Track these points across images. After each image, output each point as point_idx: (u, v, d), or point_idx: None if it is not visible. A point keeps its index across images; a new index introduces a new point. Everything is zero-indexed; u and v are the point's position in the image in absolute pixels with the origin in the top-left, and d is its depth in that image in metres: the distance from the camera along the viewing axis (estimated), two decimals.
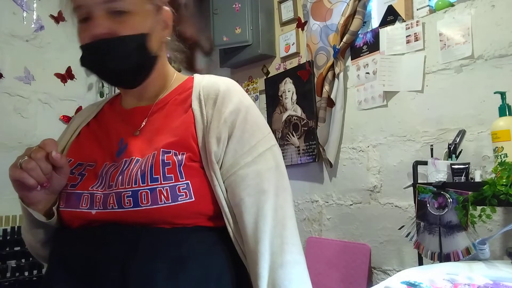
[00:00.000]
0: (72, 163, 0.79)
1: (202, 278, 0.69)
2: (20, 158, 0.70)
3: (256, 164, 0.74)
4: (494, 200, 1.12)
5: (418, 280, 0.70)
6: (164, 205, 0.69)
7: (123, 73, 0.78)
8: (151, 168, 0.71)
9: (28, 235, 0.81)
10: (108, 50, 0.74)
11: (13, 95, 2.23)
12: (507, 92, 1.34)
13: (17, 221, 2.13)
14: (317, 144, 2.17)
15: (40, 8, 2.37)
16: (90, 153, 0.81)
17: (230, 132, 0.75)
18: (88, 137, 0.86)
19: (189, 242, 0.71)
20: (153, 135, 0.78)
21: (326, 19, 2.15)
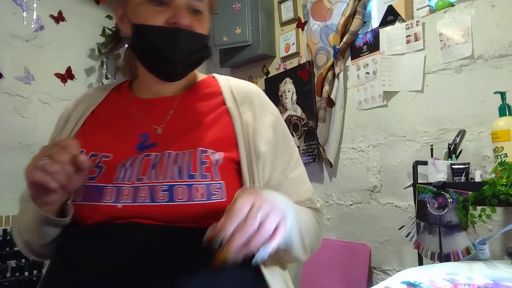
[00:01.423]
0: (84, 154, 0.74)
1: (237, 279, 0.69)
2: (38, 158, 0.64)
3: (298, 167, 0.85)
4: (494, 200, 1.12)
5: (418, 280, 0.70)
6: (199, 202, 0.69)
7: (181, 66, 0.80)
8: (189, 165, 0.72)
9: (32, 235, 0.75)
10: (185, 40, 0.77)
11: (13, 95, 2.23)
12: (507, 92, 1.34)
13: None
14: (317, 144, 2.17)
15: (40, 8, 2.37)
16: (102, 143, 0.77)
17: (276, 138, 0.82)
18: (96, 126, 0.82)
19: None
20: (186, 129, 0.78)
21: (326, 19, 2.15)
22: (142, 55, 0.81)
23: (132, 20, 0.78)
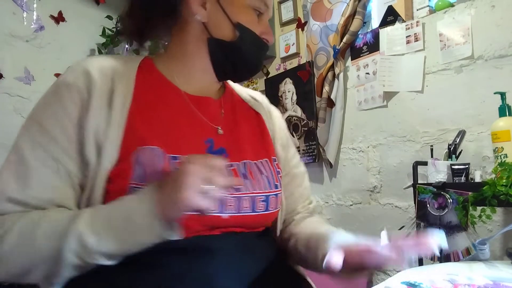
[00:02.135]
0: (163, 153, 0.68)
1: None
2: (195, 183, 0.56)
3: (301, 164, 0.95)
4: (494, 200, 1.12)
5: (418, 280, 0.70)
6: (276, 210, 0.79)
7: (250, 75, 0.86)
8: (272, 174, 0.79)
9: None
10: (265, 56, 0.84)
11: (13, 95, 2.23)
12: (507, 92, 1.34)
13: None
14: (317, 144, 2.17)
15: (40, 8, 2.37)
16: (172, 144, 0.69)
17: (286, 140, 0.93)
18: (150, 119, 0.70)
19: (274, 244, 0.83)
20: (244, 134, 0.82)
21: (326, 20, 2.15)
22: (233, 55, 0.78)
23: (232, 17, 0.76)
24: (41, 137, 0.66)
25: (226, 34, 0.76)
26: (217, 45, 0.77)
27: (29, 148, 0.65)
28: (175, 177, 0.58)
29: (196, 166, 0.57)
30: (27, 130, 0.67)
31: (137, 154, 0.65)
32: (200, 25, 0.77)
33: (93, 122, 0.66)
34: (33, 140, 0.66)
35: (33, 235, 0.60)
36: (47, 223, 0.61)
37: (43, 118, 0.67)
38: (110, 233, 0.59)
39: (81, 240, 0.58)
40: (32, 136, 0.66)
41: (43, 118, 0.67)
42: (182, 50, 0.79)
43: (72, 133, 0.66)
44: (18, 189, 0.63)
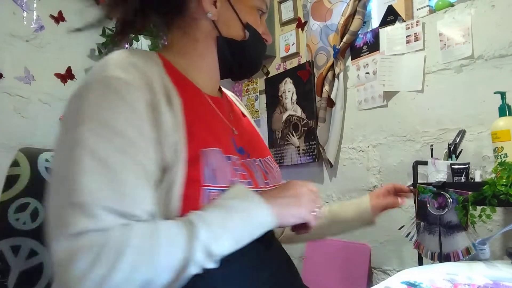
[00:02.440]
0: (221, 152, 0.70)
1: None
2: (311, 204, 0.73)
3: None
4: (494, 200, 1.12)
5: (418, 280, 0.70)
6: None
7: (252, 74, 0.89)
8: (277, 170, 0.87)
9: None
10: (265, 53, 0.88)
11: (13, 95, 2.23)
12: (507, 92, 1.34)
13: None
14: (317, 144, 2.17)
15: (40, 8, 2.36)
16: (217, 142, 0.71)
17: None
18: (196, 119, 0.70)
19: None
20: (250, 133, 0.89)
21: (326, 19, 2.15)
22: (241, 54, 0.81)
23: (241, 16, 0.79)
24: (118, 142, 0.58)
25: (236, 33, 0.79)
26: (226, 43, 0.78)
27: (108, 153, 0.57)
28: (293, 194, 0.71)
29: (308, 189, 0.74)
30: (94, 132, 0.58)
31: (204, 156, 0.65)
32: (210, 23, 0.77)
33: (166, 124, 0.63)
34: (112, 144, 0.58)
35: (151, 256, 0.55)
36: (166, 239, 0.56)
37: (110, 119, 0.59)
38: (229, 235, 0.61)
39: (207, 250, 0.57)
40: (104, 139, 0.58)
41: (109, 119, 0.59)
42: (193, 47, 0.78)
43: (148, 134, 0.61)
44: (113, 197, 0.55)
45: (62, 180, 0.56)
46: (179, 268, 0.56)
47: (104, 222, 0.54)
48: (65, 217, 0.53)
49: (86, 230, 0.53)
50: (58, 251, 0.52)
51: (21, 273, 0.81)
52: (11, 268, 0.81)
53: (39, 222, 0.85)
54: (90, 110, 0.59)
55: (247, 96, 2.69)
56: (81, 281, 0.50)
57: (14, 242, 0.82)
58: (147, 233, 0.56)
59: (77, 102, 0.62)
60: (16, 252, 0.82)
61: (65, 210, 0.54)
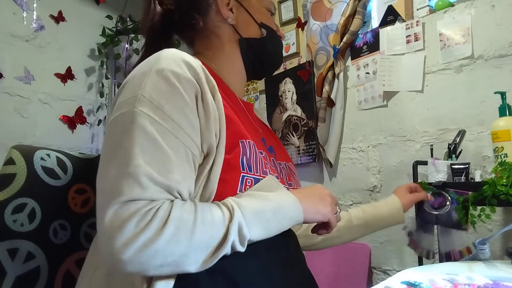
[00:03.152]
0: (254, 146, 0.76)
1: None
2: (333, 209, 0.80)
3: None
4: (494, 200, 1.12)
5: (418, 280, 0.70)
6: None
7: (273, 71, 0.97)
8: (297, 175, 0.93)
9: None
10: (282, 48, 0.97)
11: (13, 95, 2.23)
12: (507, 92, 1.34)
13: None
14: (317, 144, 2.17)
15: (40, 8, 2.37)
16: (253, 139, 0.78)
17: None
18: (234, 113, 0.77)
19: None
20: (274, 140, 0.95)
21: (326, 19, 2.15)
22: (262, 53, 0.89)
23: (256, 17, 0.88)
24: (167, 124, 0.63)
25: (254, 33, 0.87)
26: (248, 44, 0.87)
27: (159, 133, 0.62)
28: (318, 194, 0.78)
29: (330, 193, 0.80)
30: (147, 115, 0.63)
31: (242, 146, 0.72)
32: (231, 28, 0.86)
33: (212, 113, 0.68)
34: (161, 126, 0.63)
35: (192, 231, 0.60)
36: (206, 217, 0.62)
37: (164, 105, 0.64)
38: (260, 223, 0.66)
39: (241, 233, 0.63)
40: (158, 122, 0.63)
41: (163, 105, 0.64)
42: (221, 51, 0.87)
43: (194, 121, 0.67)
44: (159, 171, 0.60)
45: (117, 153, 0.61)
46: (215, 246, 0.61)
47: (152, 193, 0.59)
48: (119, 186, 0.58)
49: (137, 198, 0.58)
50: (110, 216, 0.57)
51: (17, 278, 0.77)
52: (7, 273, 0.76)
53: (37, 224, 0.81)
54: (146, 95, 0.65)
55: (247, 96, 2.69)
56: (129, 243, 0.55)
57: (11, 245, 0.78)
58: (190, 209, 0.61)
59: (133, 87, 0.67)
60: (13, 255, 0.78)
61: (119, 180, 0.58)
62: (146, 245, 0.56)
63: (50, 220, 0.84)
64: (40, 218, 0.82)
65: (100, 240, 0.58)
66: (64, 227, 0.87)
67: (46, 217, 0.83)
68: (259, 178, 0.72)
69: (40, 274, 0.81)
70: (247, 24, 0.87)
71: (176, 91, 0.66)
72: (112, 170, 0.60)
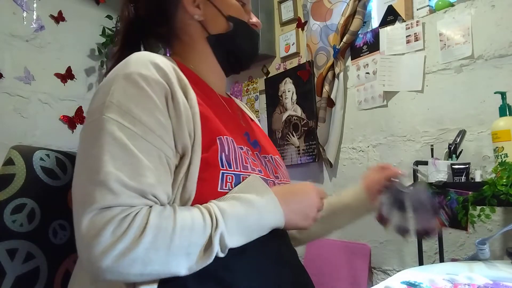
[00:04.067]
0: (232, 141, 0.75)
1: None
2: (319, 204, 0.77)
3: None
4: (493, 200, 1.12)
5: (418, 280, 0.70)
6: None
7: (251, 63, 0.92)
8: (285, 169, 0.90)
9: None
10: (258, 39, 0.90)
11: (13, 95, 2.23)
12: (507, 92, 1.34)
13: None
14: (317, 144, 2.17)
15: (40, 8, 2.37)
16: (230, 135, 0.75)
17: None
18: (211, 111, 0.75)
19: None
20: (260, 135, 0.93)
21: (326, 19, 2.15)
22: (231, 48, 0.85)
23: (224, 11, 0.83)
24: (137, 128, 0.63)
25: (221, 27, 0.83)
26: (217, 40, 0.83)
27: (128, 138, 0.62)
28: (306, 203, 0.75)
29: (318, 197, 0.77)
30: (116, 121, 0.63)
31: (220, 142, 0.70)
32: (198, 24, 0.83)
33: (184, 113, 0.68)
34: (130, 130, 0.63)
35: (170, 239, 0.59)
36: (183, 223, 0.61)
37: (132, 109, 0.64)
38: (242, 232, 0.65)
39: (223, 244, 0.62)
40: (126, 127, 0.63)
41: (132, 109, 0.64)
42: (192, 51, 0.84)
43: (165, 123, 0.66)
44: (130, 177, 0.60)
45: (87, 161, 0.62)
46: (197, 253, 0.60)
47: (125, 199, 0.59)
48: (91, 194, 0.58)
49: (111, 205, 0.58)
50: (85, 224, 0.57)
51: (17, 278, 0.77)
52: (7, 273, 0.76)
53: (36, 224, 0.81)
54: (114, 101, 0.65)
55: (247, 96, 2.69)
56: (106, 252, 0.55)
57: (10, 245, 0.77)
58: (169, 215, 0.60)
59: (102, 94, 0.67)
60: (12, 255, 0.77)
61: (91, 188, 0.59)
62: (124, 253, 0.56)
63: (49, 220, 0.84)
64: (39, 218, 0.82)
65: (78, 248, 0.58)
66: (63, 227, 0.86)
67: (46, 217, 0.83)
68: (240, 174, 0.70)
69: (39, 274, 0.80)
70: (215, 19, 0.82)
71: (145, 94, 0.65)
72: (84, 179, 0.61)
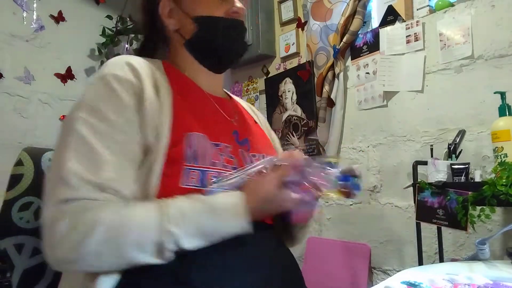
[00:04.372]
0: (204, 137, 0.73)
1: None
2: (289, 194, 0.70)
3: None
4: (493, 200, 1.12)
5: (418, 280, 0.70)
6: None
7: (238, 57, 0.87)
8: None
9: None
10: (244, 31, 0.85)
11: (13, 95, 2.23)
12: (507, 92, 1.34)
13: None
14: (317, 144, 2.17)
15: (40, 8, 2.37)
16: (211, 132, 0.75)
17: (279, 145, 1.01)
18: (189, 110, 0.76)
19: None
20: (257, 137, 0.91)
21: (326, 19, 2.15)
22: (203, 46, 0.83)
23: (190, 13, 0.81)
24: (102, 125, 0.67)
25: (190, 31, 0.82)
26: (191, 45, 0.83)
27: (93, 135, 0.66)
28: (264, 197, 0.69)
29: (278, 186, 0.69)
30: (84, 120, 0.67)
31: (188, 138, 0.70)
32: (176, 33, 0.84)
33: (149, 110, 0.70)
34: (94, 127, 0.66)
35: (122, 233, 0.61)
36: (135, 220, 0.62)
37: (101, 107, 0.68)
38: (200, 233, 0.64)
39: (177, 242, 0.63)
40: (91, 123, 0.67)
41: (100, 107, 0.68)
42: (177, 57, 0.85)
43: (133, 120, 0.69)
44: (90, 171, 0.63)
45: (56, 157, 0.68)
46: (150, 250, 0.62)
47: (83, 193, 0.62)
48: (54, 188, 0.63)
49: (69, 198, 0.62)
50: (45, 216, 0.63)
51: (24, 271, 0.83)
52: (15, 266, 0.82)
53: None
54: (86, 100, 0.70)
55: (247, 96, 2.69)
56: (60, 242, 0.60)
57: (17, 241, 0.83)
58: (119, 210, 0.63)
59: (81, 95, 0.72)
60: (19, 250, 0.83)
61: (53, 182, 0.64)
62: (74, 247, 0.60)
63: None
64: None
65: (43, 232, 0.63)
66: None
67: None
68: (206, 170, 0.70)
69: (45, 268, 0.85)
70: (185, 24, 0.82)
71: (115, 93, 0.69)
72: (51, 174, 0.66)
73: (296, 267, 0.82)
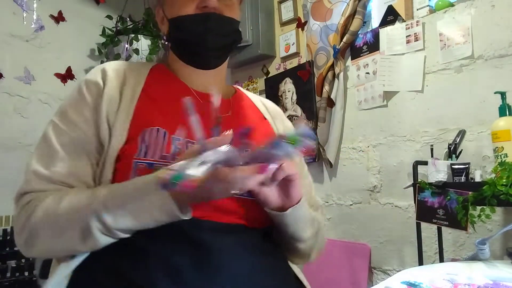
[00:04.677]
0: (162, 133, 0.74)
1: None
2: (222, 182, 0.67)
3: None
4: (493, 200, 1.12)
5: (418, 280, 0.70)
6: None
7: (215, 50, 0.84)
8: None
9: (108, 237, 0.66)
10: (216, 23, 0.81)
11: (13, 95, 2.23)
12: (507, 92, 1.34)
13: None
14: (317, 144, 2.17)
15: (40, 8, 2.37)
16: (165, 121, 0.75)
17: None
18: (155, 106, 0.77)
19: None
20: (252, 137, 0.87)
21: (326, 19, 2.15)
22: (179, 46, 0.86)
23: (168, 16, 0.84)
24: (64, 125, 0.74)
25: (168, 33, 0.85)
26: (172, 46, 0.87)
27: (54, 135, 0.74)
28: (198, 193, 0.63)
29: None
30: (53, 121, 0.76)
31: (142, 134, 0.72)
32: (167, 37, 0.88)
33: (106, 107, 0.74)
34: (58, 128, 0.74)
35: (56, 213, 0.67)
36: (68, 202, 0.67)
37: (67, 109, 0.76)
38: (124, 211, 0.64)
39: (100, 219, 0.64)
40: (56, 125, 0.75)
41: (66, 109, 0.76)
42: (171, 58, 0.89)
43: (90, 118, 0.74)
44: (43, 166, 0.71)
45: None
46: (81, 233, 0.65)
47: (35, 185, 0.70)
48: (21, 184, 0.72)
49: (25, 192, 0.70)
50: (14, 208, 0.72)
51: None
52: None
53: None
54: (62, 105, 0.78)
55: None
56: (17, 233, 0.70)
57: None
58: (59, 198, 0.68)
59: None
60: None
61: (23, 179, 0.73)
62: (23, 228, 0.68)
63: None
64: None
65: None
66: None
67: None
68: (153, 163, 0.70)
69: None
70: (167, 26, 0.85)
71: (81, 96, 0.76)
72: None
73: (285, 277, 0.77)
